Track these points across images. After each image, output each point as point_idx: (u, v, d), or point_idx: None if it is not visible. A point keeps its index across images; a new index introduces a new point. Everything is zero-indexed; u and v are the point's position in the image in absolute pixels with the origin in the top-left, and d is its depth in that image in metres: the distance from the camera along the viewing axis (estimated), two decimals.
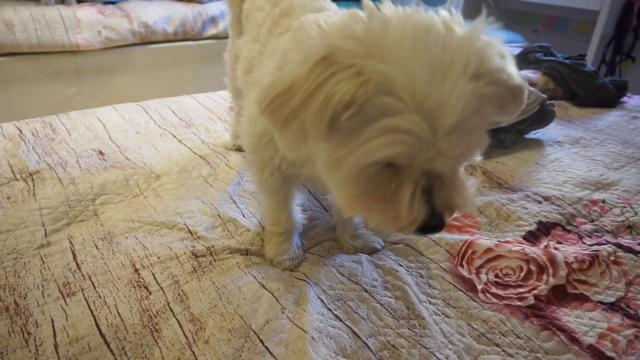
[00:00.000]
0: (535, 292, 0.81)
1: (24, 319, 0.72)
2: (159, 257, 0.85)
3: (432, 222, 0.57)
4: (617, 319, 0.76)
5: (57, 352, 0.67)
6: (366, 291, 0.80)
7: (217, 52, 2.63)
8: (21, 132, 1.32)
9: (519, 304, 0.78)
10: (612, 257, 0.87)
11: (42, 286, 0.78)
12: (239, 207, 1.03)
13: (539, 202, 1.06)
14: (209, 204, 1.02)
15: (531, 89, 1.40)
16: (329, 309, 0.76)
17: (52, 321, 0.72)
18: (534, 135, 1.43)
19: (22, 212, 0.96)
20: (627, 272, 0.85)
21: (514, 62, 0.58)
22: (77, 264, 0.83)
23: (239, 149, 1.26)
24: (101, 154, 1.23)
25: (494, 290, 0.82)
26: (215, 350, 0.68)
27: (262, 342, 0.69)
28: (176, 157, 1.24)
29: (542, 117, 1.39)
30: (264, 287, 0.80)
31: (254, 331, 0.71)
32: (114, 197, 1.05)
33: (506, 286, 0.82)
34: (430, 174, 0.55)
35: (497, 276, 0.85)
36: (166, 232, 0.93)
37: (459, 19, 0.55)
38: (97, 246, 0.88)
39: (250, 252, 0.89)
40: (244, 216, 1.00)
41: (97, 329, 0.70)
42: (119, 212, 0.99)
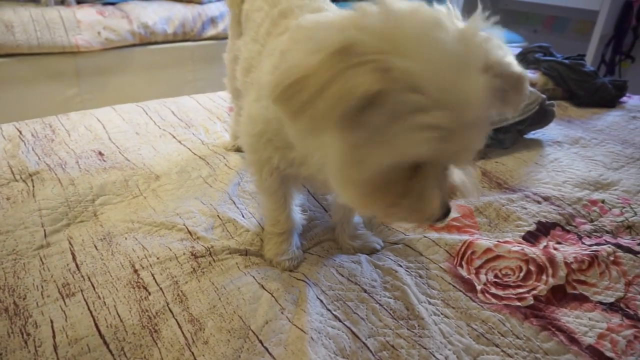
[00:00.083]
0: (534, 292, 0.81)
1: (24, 320, 0.72)
2: (158, 258, 0.85)
3: (445, 211, 0.59)
4: (616, 319, 0.76)
5: (56, 352, 0.67)
6: (365, 291, 0.80)
7: (216, 53, 2.62)
8: (21, 133, 1.32)
9: (518, 304, 0.78)
10: (612, 258, 0.87)
11: (42, 287, 0.78)
12: (238, 208, 1.03)
13: (539, 203, 1.06)
14: (209, 205, 1.02)
15: (531, 89, 1.39)
16: (328, 310, 0.76)
17: (52, 322, 0.72)
18: (533, 135, 1.43)
19: (21, 213, 0.97)
20: (626, 272, 0.85)
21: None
22: (77, 265, 0.84)
23: (239, 150, 1.27)
24: (101, 154, 1.23)
25: (494, 290, 0.82)
26: (214, 350, 0.68)
27: (261, 342, 0.69)
28: (176, 157, 1.24)
29: (542, 117, 1.39)
30: (263, 287, 0.80)
31: (253, 332, 0.71)
32: (114, 197, 1.05)
33: (505, 286, 0.82)
34: (445, 165, 0.57)
35: (496, 276, 0.85)
36: (165, 232, 0.93)
37: (457, 14, 0.56)
38: (96, 247, 0.88)
39: (249, 253, 0.89)
40: (243, 217, 1.00)
41: (96, 330, 0.71)
42: (119, 212, 0.99)
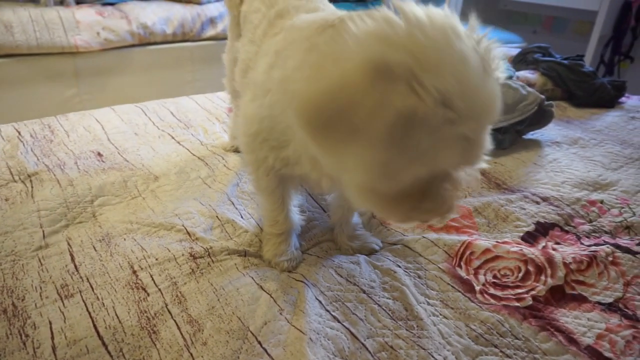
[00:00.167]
0: (533, 292, 0.81)
1: (22, 321, 0.72)
2: (157, 259, 0.85)
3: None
4: (615, 320, 0.76)
5: (55, 354, 0.67)
6: (364, 292, 0.80)
7: (216, 53, 2.61)
8: (20, 133, 1.32)
9: (517, 304, 0.78)
10: (610, 258, 0.87)
11: (40, 288, 0.78)
12: (237, 209, 1.03)
13: (537, 203, 1.06)
14: (207, 206, 1.02)
15: (529, 89, 1.40)
16: (327, 310, 0.76)
17: (50, 323, 0.72)
18: (532, 135, 1.43)
19: (20, 214, 0.96)
20: (625, 272, 0.85)
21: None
22: (75, 266, 0.83)
23: (238, 150, 1.27)
24: (99, 155, 1.23)
25: (492, 291, 0.82)
26: (213, 351, 0.68)
27: (260, 343, 0.69)
28: (175, 158, 1.24)
29: (541, 117, 1.39)
30: (262, 288, 0.80)
31: (252, 332, 0.71)
32: (112, 198, 1.05)
33: (504, 287, 0.82)
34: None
35: (495, 277, 0.85)
36: (164, 233, 0.93)
37: (453, 15, 0.56)
38: (95, 248, 0.88)
39: (248, 254, 0.89)
40: (242, 217, 1.00)
41: (95, 331, 0.70)
42: (117, 213, 0.99)
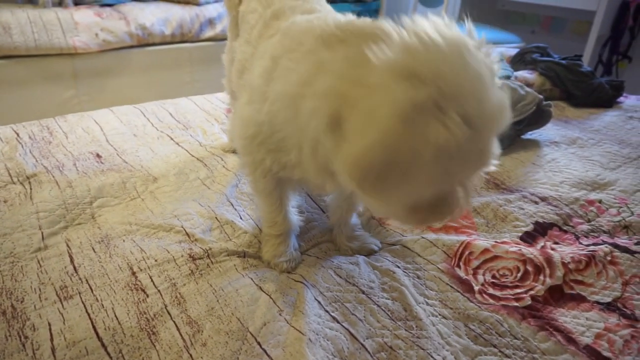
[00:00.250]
0: (532, 292, 0.81)
1: (21, 323, 0.72)
2: (156, 260, 0.85)
3: None
4: (613, 319, 0.76)
5: (54, 355, 0.67)
6: (363, 293, 0.80)
7: (214, 54, 2.63)
8: (18, 135, 1.32)
9: (516, 304, 0.79)
10: (609, 257, 0.87)
11: (39, 290, 0.78)
12: (236, 210, 1.03)
13: (536, 203, 1.07)
14: (207, 207, 1.02)
15: (528, 89, 1.40)
16: (327, 311, 0.76)
17: (49, 325, 0.72)
18: (530, 135, 1.43)
19: (19, 216, 0.96)
20: (623, 272, 0.85)
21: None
22: (75, 267, 0.83)
23: (236, 151, 1.27)
24: (98, 156, 1.23)
25: (491, 291, 0.82)
26: (212, 353, 0.68)
27: (259, 344, 0.69)
28: (173, 159, 1.24)
29: (539, 117, 1.39)
30: (261, 289, 0.80)
31: (251, 333, 0.71)
32: (111, 200, 1.05)
33: (503, 287, 0.83)
34: None
35: (494, 277, 0.85)
36: (163, 234, 0.93)
37: (454, 25, 0.57)
38: (94, 249, 0.88)
39: (247, 255, 0.90)
40: (241, 218, 1.00)
41: (94, 333, 0.70)
42: (116, 215, 0.99)
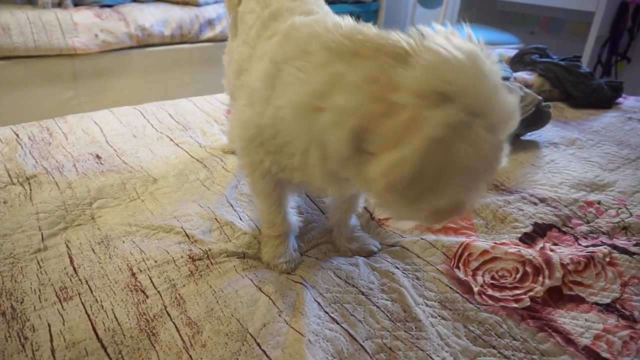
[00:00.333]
0: (531, 293, 0.81)
1: (21, 324, 0.72)
2: (156, 261, 0.85)
3: None
4: (612, 320, 0.76)
5: (54, 356, 0.67)
6: (363, 294, 0.80)
7: (214, 55, 2.64)
8: (18, 136, 1.32)
9: (515, 305, 0.79)
10: (608, 259, 0.88)
11: (39, 290, 0.78)
12: (235, 211, 1.03)
13: (535, 204, 1.07)
14: (206, 208, 1.02)
15: (527, 90, 1.40)
16: (326, 312, 0.76)
17: (49, 326, 0.72)
18: (529, 136, 1.43)
19: (19, 217, 0.96)
20: (622, 273, 0.85)
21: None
22: (74, 268, 0.84)
23: (235, 152, 1.27)
24: (98, 157, 1.23)
25: (490, 292, 0.82)
26: (212, 354, 0.68)
27: (259, 345, 0.69)
28: (173, 160, 1.24)
29: (538, 118, 1.40)
30: (260, 290, 0.80)
31: (250, 334, 0.71)
32: (111, 201, 1.05)
33: (502, 288, 0.83)
34: None
35: (493, 278, 0.85)
36: (163, 235, 0.93)
37: (457, 33, 0.60)
38: (94, 250, 0.88)
39: (247, 256, 0.90)
40: (240, 219, 1.00)
41: (94, 334, 0.71)
42: (116, 216, 0.99)
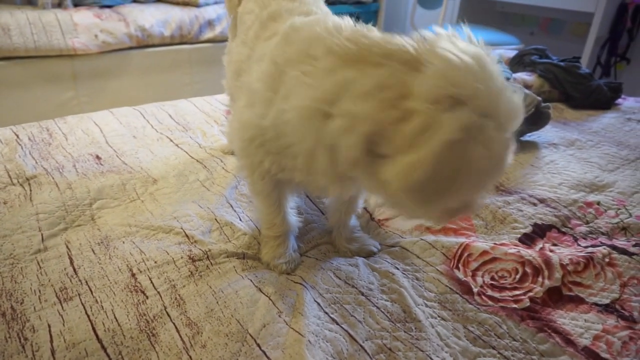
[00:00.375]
0: (530, 294, 0.81)
1: (21, 325, 0.72)
2: (155, 262, 0.85)
3: None
4: (611, 321, 0.76)
5: (54, 357, 0.67)
6: (363, 294, 0.81)
7: (214, 56, 2.64)
8: (18, 136, 1.32)
9: (514, 306, 0.79)
10: (607, 259, 0.88)
11: (39, 291, 0.78)
12: (235, 211, 1.03)
13: (535, 205, 1.07)
14: (206, 208, 1.02)
15: (526, 91, 1.41)
16: (326, 313, 0.76)
17: (49, 326, 0.72)
18: (529, 137, 1.43)
19: (18, 217, 0.97)
20: (621, 273, 0.85)
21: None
22: (74, 269, 0.84)
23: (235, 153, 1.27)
24: (98, 158, 1.23)
25: (490, 292, 0.82)
26: (212, 354, 0.68)
27: (259, 346, 0.70)
28: (173, 161, 1.24)
29: (538, 119, 1.40)
30: (260, 291, 0.80)
31: (250, 335, 0.71)
32: (111, 201, 1.05)
33: (502, 288, 0.83)
34: None
35: (492, 279, 0.85)
36: (163, 236, 0.93)
37: (458, 35, 0.61)
38: (94, 251, 0.88)
39: (247, 256, 0.90)
40: (240, 220, 1.00)
41: (94, 334, 0.71)
42: (116, 216, 0.99)
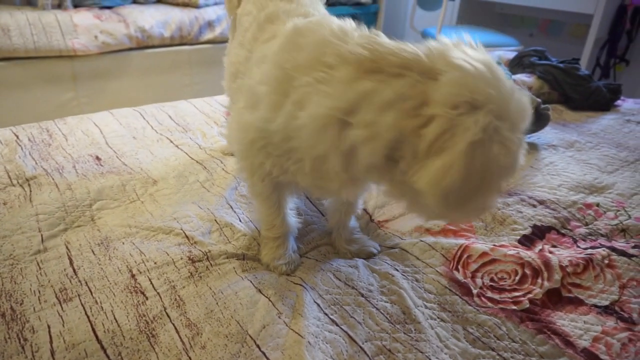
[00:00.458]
0: (530, 295, 0.81)
1: (20, 325, 0.72)
2: (155, 263, 0.85)
3: None
4: (611, 323, 0.76)
5: (53, 358, 0.67)
6: (362, 296, 0.81)
7: (214, 57, 2.64)
8: (18, 137, 1.32)
9: (514, 307, 0.79)
10: (606, 261, 0.88)
11: (39, 292, 0.78)
12: (235, 212, 1.03)
13: (534, 206, 1.07)
14: (206, 209, 1.02)
15: (526, 92, 1.41)
16: (326, 314, 0.76)
17: (49, 327, 0.72)
18: (528, 139, 1.43)
19: (18, 218, 0.97)
20: (621, 275, 0.86)
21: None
22: (74, 270, 0.84)
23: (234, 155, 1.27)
24: (98, 159, 1.23)
25: (490, 294, 0.82)
26: (211, 355, 0.68)
27: (258, 347, 0.70)
28: (173, 162, 1.24)
29: (537, 120, 1.40)
30: (260, 292, 0.80)
31: (250, 336, 0.71)
32: (111, 202, 1.05)
33: (501, 290, 0.83)
34: None
35: (492, 280, 0.85)
36: (163, 237, 0.93)
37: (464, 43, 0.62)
38: (93, 252, 0.88)
39: (246, 257, 0.90)
40: (240, 221, 1.00)
41: (93, 335, 0.71)
42: (116, 217, 1.00)
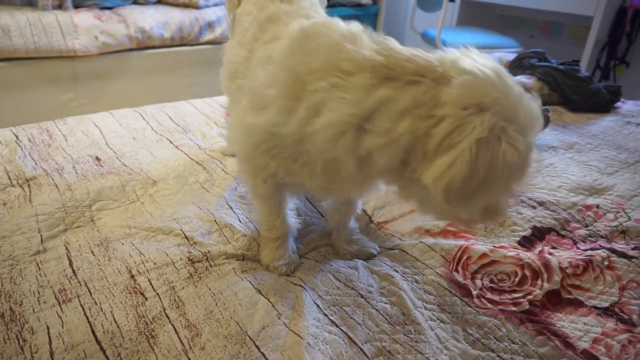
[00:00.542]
0: (529, 297, 0.81)
1: (20, 326, 0.72)
2: (155, 263, 0.85)
3: None
4: (611, 324, 0.76)
5: (52, 359, 0.67)
6: (362, 297, 0.81)
7: (214, 58, 2.64)
8: (18, 137, 1.32)
9: (513, 309, 0.79)
10: (606, 262, 0.88)
11: (38, 293, 0.78)
12: (235, 213, 1.03)
13: (534, 208, 1.07)
14: (206, 210, 1.02)
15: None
16: (325, 315, 0.76)
17: (48, 328, 0.72)
18: None
19: (18, 219, 0.96)
20: (620, 277, 0.86)
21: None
22: (73, 270, 0.83)
23: (235, 156, 1.27)
24: (98, 159, 1.23)
25: (489, 295, 0.82)
26: (211, 356, 0.68)
27: (258, 348, 0.69)
28: (173, 162, 1.24)
29: None
30: (260, 292, 0.80)
31: (250, 337, 0.71)
32: (111, 203, 1.05)
33: (501, 291, 0.83)
34: None
35: (492, 281, 0.85)
36: (162, 238, 0.93)
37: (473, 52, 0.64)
38: (93, 252, 0.88)
39: (246, 258, 0.90)
40: (240, 222, 1.00)
41: (93, 336, 0.71)
42: (116, 218, 0.99)
